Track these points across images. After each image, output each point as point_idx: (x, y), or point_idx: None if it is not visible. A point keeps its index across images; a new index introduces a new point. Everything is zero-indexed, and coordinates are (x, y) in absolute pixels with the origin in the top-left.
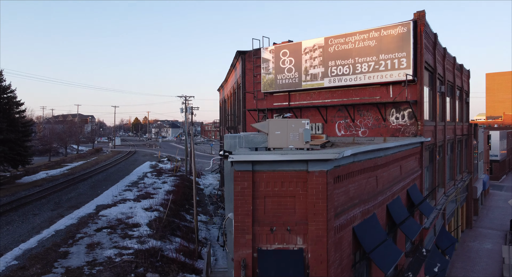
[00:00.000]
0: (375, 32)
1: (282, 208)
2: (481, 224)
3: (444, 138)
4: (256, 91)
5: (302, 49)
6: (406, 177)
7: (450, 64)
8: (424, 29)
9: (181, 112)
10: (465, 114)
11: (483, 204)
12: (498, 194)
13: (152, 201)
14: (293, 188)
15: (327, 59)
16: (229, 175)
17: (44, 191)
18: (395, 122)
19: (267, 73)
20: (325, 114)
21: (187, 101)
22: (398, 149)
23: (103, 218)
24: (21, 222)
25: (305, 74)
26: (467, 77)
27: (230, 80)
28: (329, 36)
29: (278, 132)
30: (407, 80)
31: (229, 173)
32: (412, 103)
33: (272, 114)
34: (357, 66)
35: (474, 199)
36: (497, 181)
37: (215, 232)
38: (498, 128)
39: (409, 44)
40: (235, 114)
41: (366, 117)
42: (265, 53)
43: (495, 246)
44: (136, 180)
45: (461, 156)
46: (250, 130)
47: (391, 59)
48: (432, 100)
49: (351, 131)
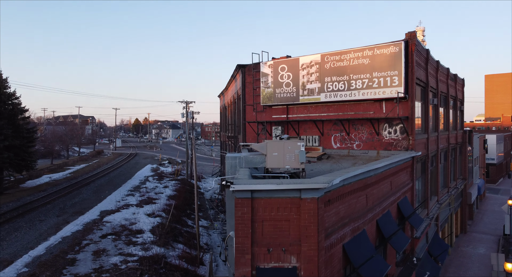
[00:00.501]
0: (369, 50)
1: (278, 230)
2: (475, 229)
3: (437, 148)
4: (255, 104)
5: (300, 64)
6: (397, 191)
7: (444, 76)
8: (415, 48)
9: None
10: (460, 121)
11: (479, 208)
12: (494, 198)
13: (154, 207)
14: (287, 213)
15: (323, 75)
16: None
17: (48, 196)
18: (388, 136)
19: (266, 87)
20: (321, 127)
21: (187, 106)
22: (388, 167)
23: (107, 224)
24: (28, 229)
25: (303, 89)
26: (461, 86)
27: (230, 89)
28: (325, 53)
29: (276, 153)
30: (398, 98)
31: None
32: (403, 119)
33: (271, 126)
34: (352, 83)
35: (468, 205)
36: (494, 184)
37: (215, 238)
38: (495, 130)
39: (401, 63)
40: (235, 123)
41: (361, 131)
42: (264, 67)
43: (488, 251)
44: (138, 185)
45: (455, 163)
46: (250, 140)
47: (383, 76)
48: (425, 113)
49: (346, 144)
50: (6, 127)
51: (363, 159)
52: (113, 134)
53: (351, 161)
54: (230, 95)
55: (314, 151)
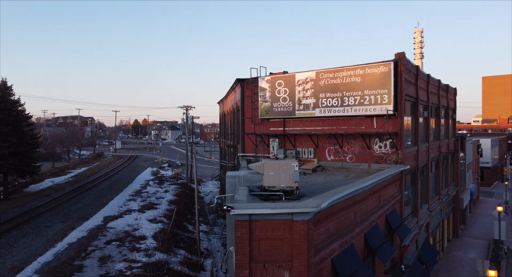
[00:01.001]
0: (361, 69)
1: (273, 248)
2: (467, 233)
3: (428, 158)
4: (253, 116)
5: (296, 80)
6: (386, 204)
7: (435, 88)
8: (404, 67)
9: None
10: (452, 130)
11: (472, 212)
12: (488, 202)
13: (156, 212)
14: (281, 233)
15: (318, 91)
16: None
17: (52, 201)
18: (378, 150)
19: (264, 101)
20: (316, 140)
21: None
22: (376, 183)
23: (111, 230)
24: (35, 235)
25: (298, 104)
26: (453, 95)
27: (230, 99)
28: (320, 70)
29: (272, 173)
30: (388, 115)
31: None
32: (393, 134)
33: (268, 138)
34: (345, 99)
35: (460, 210)
36: (489, 187)
37: (215, 243)
38: (491, 134)
39: (390, 82)
40: (235, 133)
41: (353, 145)
42: (262, 82)
43: (479, 256)
44: (139, 189)
45: (447, 171)
46: (248, 151)
47: (374, 94)
48: (415, 126)
49: (339, 157)
50: (11, 134)
51: (355, 172)
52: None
53: (344, 173)
54: (229, 104)
55: (309, 163)
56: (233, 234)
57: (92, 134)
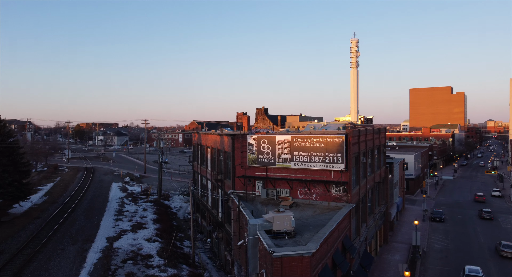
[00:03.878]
0: (323, 138)
1: (292, 272)
2: (394, 239)
3: (366, 189)
4: (243, 163)
5: (276, 141)
6: (342, 233)
7: (371, 135)
8: (351, 138)
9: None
10: (383, 159)
11: (398, 220)
12: (411, 209)
13: (147, 232)
14: (296, 263)
15: (293, 150)
16: (254, 246)
17: (48, 225)
18: (335, 193)
19: (252, 153)
20: (291, 184)
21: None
22: (337, 223)
23: (119, 251)
24: (58, 258)
25: (278, 157)
26: (383, 133)
27: (212, 138)
28: (294, 135)
29: (279, 222)
30: (341, 170)
31: (254, 245)
32: (344, 183)
33: (255, 180)
34: (312, 157)
35: (389, 221)
36: (412, 195)
37: (203, 256)
38: (415, 146)
39: (343, 149)
40: (222, 171)
41: (317, 188)
42: (250, 139)
43: (402, 257)
44: (119, 208)
45: (379, 193)
46: (237, 188)
47: (332, 156)
48: (356, 171)
49: (307, 196)
50: (8, 165)
51: (320, 208)
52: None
53: (312, 209)
54: (210, 142)
55: (286, 200)
56: (257, 260)
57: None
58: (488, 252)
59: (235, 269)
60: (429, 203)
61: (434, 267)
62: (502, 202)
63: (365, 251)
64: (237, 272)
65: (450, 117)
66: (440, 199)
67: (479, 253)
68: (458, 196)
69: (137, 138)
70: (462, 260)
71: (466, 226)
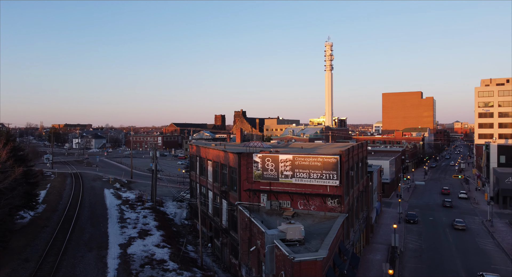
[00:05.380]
0: (320, 158)
1: (308, 274)
2: (375, 240)
3: (353, 198)
4: (248, 178)
5: (279, 159)
6: (338, 240)
7: (357, 150)
8: (345, 158)
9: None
10: (365, 170)
11: (377, 223)
12: (388, 212)
13: (154, 238)
14: (311, 266)
15: (294, 168)
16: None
17: (60, 233)
18: (330, 204)
19: (257, 169)
20: (292, 196)
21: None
22: (336, 232)
23: (134, 256)
24: (81, 264)
25: (281, 174)
26: (365, 146)
27: (215, 153)
28: (295, 155)
29: (291, 232)
30: (336, 186)
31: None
32: (339, 196)
33: (259, 193)
34: (311, 174)
35: (370, 225)
36: (388, 198)
37: (206, 259)
38: (389, 151)
39: (338, 168)
40: (226, 183)
41: (315, 200)
42: (256, 157)
43: (382, 257)
44: (120, 215)
45: (363, 200)
46: (243, 200)
47: (328, 173)
48: (347, 184)
49: (306, 207)
50: (20, 177)
51: (317, 217)
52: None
53: (311, 219)
54: (212, 155)
55: (288, 210)
56: (274, 264)
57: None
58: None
59: (243, 271)
60: (403, 205)
61: (410, 265)
62: (468, 203)
63: (353, 252)
64: (245, 274)
65: (420, 121)
66: (413, 201)
67: (448, 251)
68: (428, 198)
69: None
70: (433, 258)
71: (437, 227)
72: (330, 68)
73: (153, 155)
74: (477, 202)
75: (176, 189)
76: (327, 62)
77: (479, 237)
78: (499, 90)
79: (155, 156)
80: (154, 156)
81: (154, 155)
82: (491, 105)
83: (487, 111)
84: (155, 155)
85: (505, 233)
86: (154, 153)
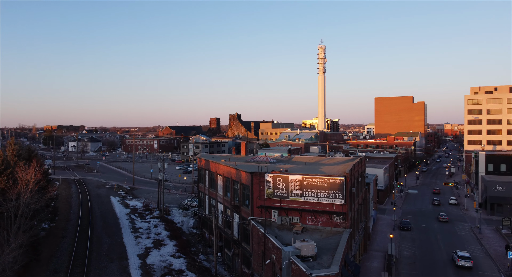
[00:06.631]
0: (327, 179)
1: None
2: (372, 248)
3: (354, 211)
4: (260, 195)
5: (289, 179)
6: (344, 253)
7: (358, 167)
8: (349, 179)
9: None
10: (363, 183)
11: (373, 230)
12: (382, 219)
13: (169, 248)
14: None
15: (303, 187)
16: (289, 269)
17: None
18: (336, 221)
19: (268, 188)
20: (301, 213)
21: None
22: (344, 247)
23: (154, 266)
24: (107, 275)
25: (291, 192)
26: (364, 162)
27: (226, 169)
28: (304, 175)
29: (305, 249)
30: (342, 205)
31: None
32: (344, 213)
33: (271, 209)
34: (319, 194)
35: (368, 233)
36: (382, 204)
37: (220, 269)
38: (383, 157)
39: (343, 188)
40: (238, 198)
41: (322, 217)
42: (268, 177)
43: (379, 264)
44: (131, 225)
45: (362, 212)
46: (256, 215)
47: (334, 193)
48: (350, 201)
49: (314, 222)
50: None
51: (324, 232)
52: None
53: (318, 233)
54: (222, 171)
55: (297, 225)
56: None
57: None
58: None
59: None
60: (397, 212)
61: (406, 272)
62: (458, 209)
63: (353, 261)
64: None
65: (412, 125)
66: (406, 207)
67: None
68: (420, 204)
69: (111, 143)
70: (427, 265)
71: (429, 233)
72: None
73: (161, 165)
74: (467, 209)
75: (179, 196)
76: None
77: (468, 243)
78: (488, 98)
79: (163, 166)
80: (163, 166)
81: (162, 165)
82: (480, 113)
83: (476, 118)
84: (163, 165)
85: (492, 240)
86: (163, 164)
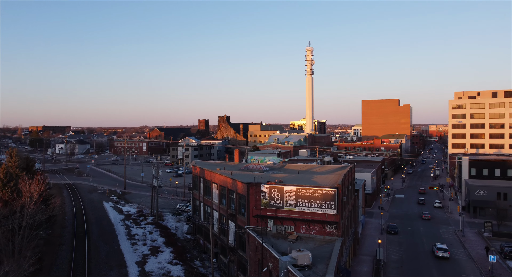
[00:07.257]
0: (320, 190)
1: None
2: (360, 252)
3: (345, 219)
4: (256, 205)
5: (284, 190)
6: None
7: (348, 176)
8: (341, 190)
9: None
10: (353, 190)
11: (362, 234)
12: (370, 222)
13: (166, 255)
14: None
15: (297, 198)
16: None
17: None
18: (328, 229)
19: (264, 198)
20: (295, 222)
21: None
22: (337, 256)
23: (153, 274)
24: None
25: (286, 203)
26: (354, 169)
27: (222, 178)
28: (299, 186)
29: (301, 258)
30: (334, 214)
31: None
32: (336, 222)
33: (266, 218)
34: (313, 204)
35: (357, 238)
36: (370, 208)
37: (215, 274)
38: (370, 161)
39: (335, 199)
40: (234, 207)
41: (316, 225)
42: (263, 188)
43: (368, 268)
44: (127, 232)
45: (351, 218)
46: (251, 224)
47: (327, 203)
48: (341, 211)
49: (308, 231)
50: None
51: (318, 240)
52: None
53: (312, 242)
54: (218, 179)
55: (291, 234)
56: None
57: None
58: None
59: None
60: (384, 215)
61: (394, 276)
62: (443, 213)
63: (344, 267)
64: None
65: (398, 127)
66: (392, 211)
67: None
68: (407, 207)
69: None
70: (413, 268)
71: (415, 237)
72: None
73: (155, 172)
74: (451, 212)
75: (172, 200)
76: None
77: (452, 246)
78: (471, 103)
79: (157, 173)
80: (157, 173)
81: (156, 173)
82: (463, 117)
83: (460, 123)
84: (157, 172)
85: (474, 242)
86: (157, 171)
